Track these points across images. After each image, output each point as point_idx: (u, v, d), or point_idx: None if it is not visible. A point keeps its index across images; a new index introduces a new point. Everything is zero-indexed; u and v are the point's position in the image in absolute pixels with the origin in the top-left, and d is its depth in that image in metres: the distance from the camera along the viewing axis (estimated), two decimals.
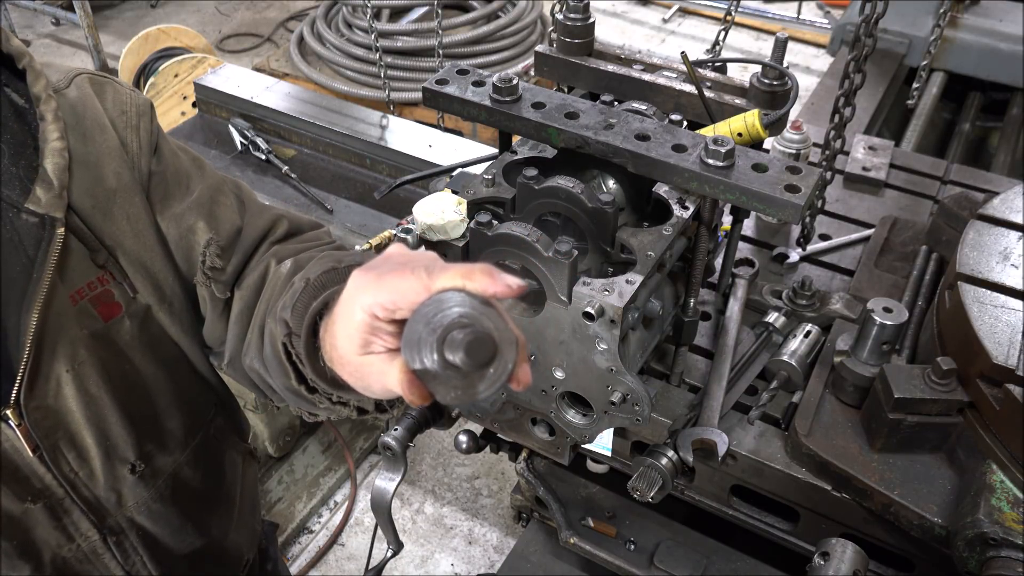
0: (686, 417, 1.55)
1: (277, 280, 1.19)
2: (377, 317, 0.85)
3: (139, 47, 4.07)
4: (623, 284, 1.23)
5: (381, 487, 1.67)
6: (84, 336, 1.11)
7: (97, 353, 1.13)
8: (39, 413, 1.08)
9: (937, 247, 1.87)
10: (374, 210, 2.83)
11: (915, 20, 3.61)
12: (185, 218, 1.22)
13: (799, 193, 1.23)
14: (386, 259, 0.90)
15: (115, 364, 1.16)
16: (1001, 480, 1.35)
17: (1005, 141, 3.56)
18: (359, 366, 0.89)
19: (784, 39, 1.51)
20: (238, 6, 6.65)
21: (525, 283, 0.86)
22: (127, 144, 1.17)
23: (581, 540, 1.84)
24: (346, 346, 0.89)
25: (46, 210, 1.04)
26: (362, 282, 0.87)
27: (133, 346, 1.18)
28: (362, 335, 0.86)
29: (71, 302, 1.09)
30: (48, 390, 1.09)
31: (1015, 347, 1.37)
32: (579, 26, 1.62)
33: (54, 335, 1.08)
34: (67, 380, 1.10)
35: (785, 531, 1.63)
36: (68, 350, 1.10)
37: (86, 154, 1.12)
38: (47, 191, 1.04)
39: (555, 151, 1.45)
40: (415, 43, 4.53)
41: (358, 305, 0.86)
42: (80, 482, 1.16)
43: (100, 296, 1.13)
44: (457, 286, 0.82)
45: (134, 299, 1.17)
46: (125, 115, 1.19)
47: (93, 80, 1.18)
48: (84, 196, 1.10)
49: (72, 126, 1.11)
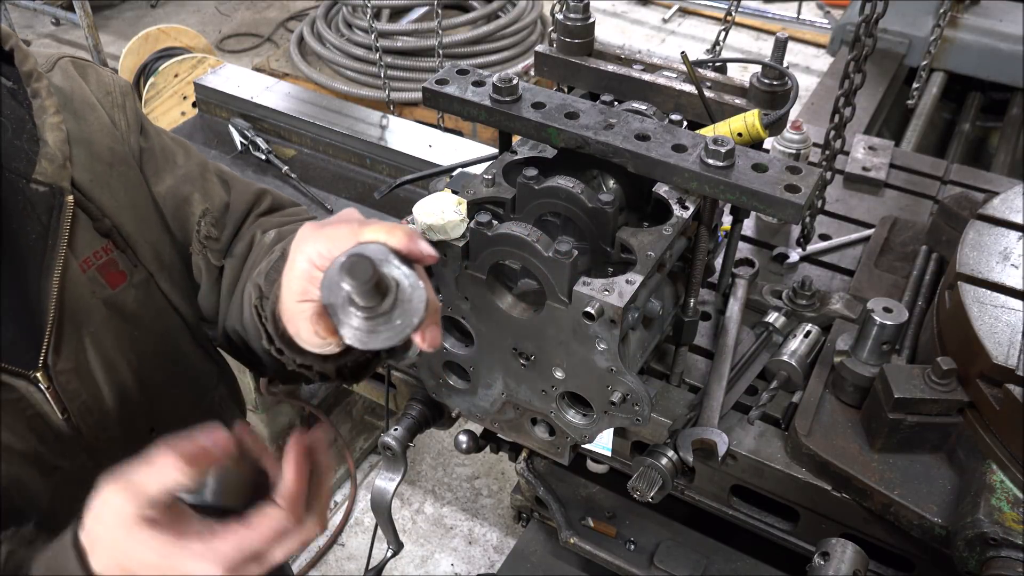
0: (686, 417, 1.55)
1: (261, 249, 1.26)
2: (316, 265, 0.90)
3: (139, 47, 4.07)
4: (623, 284, 1.23)
5: (381, 487, 1.67)
6: (97, 303, 1.15)
7: (109, 320, 1.16)
8: (64, 377, 1.11)
9: (937, 247, 1.87)
10: (374, 210, 2.83)
11: (915, 20, 3.61)
12: (180, 189, 1.27)
13: (799, 193, 1.23)
14: (334, 217, 0.96)
15: (127, 331, 1.19)
16: (1001, 480, 1.35)
17: (1005, 141, 3.56)
18: (295, 314, 0.93)
19: (784, 39, 1.51)
20: (238, 6, 6.65)
21: (437, 255, 0.92)
22: (116, 122, 1.22)
23: (581, 540, 1.84)
24: (287, 294, 0.94)
25: (53, 180, 1.07)
26: (307, 233, 0.93)
27: (140, 314, 1.21)
28: (301, 282, 0.91)
29: (80, 270, 1.13)
30: (71, 354, 1.11)
31: (1015, 347, 1.37)
32: (579, 26, 1.61)
33: (72, 301, 1.11)
34: (88, 345, 1.13)
35: (785, 531, 1.63)
36: (86, 316, 1.13)
37: (79, 131, 1.15)
38: (51, 162, 1.07)
39: (555, 151, 1.45)
40: (415, 43, 4.53)
41: (301, 254, 0.91)
42: (101, 446, 1.18)
43: (106, 265, 1.16)
44: (379, 239, 0.88)
45: (136, 268, 1.21)
46: (110, 96, 1.23)
47: (75, 63, 1.22)
48: (82, 171, 1.13)
49: (63, 105, 1.14)
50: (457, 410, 1.62)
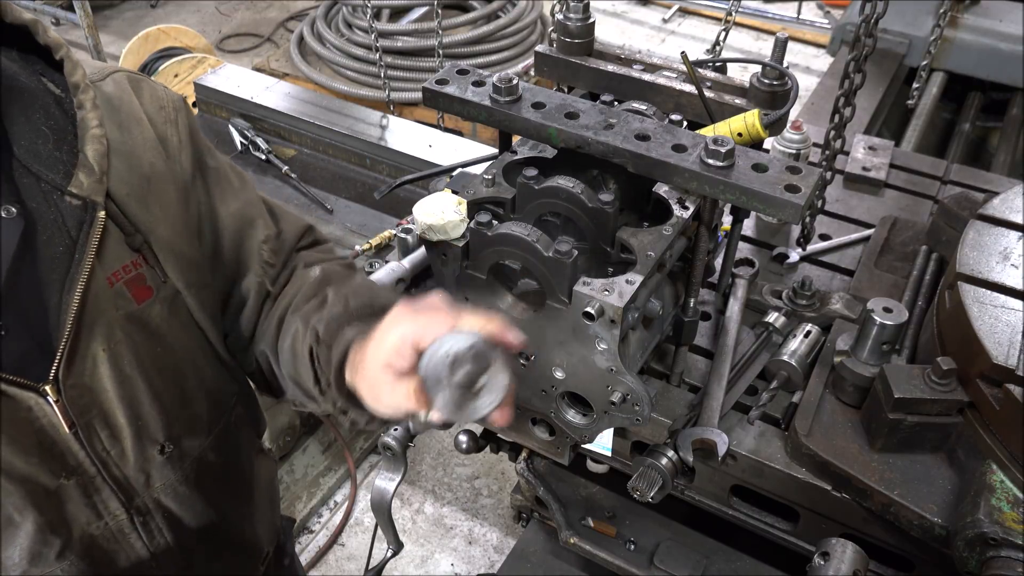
0: (686, 417, 1.55)
1: (303, 282, 1.34)
2: (405, 342, 1.03)
3: (139, 47, 4.07)
4: (623, 284, 1.23)
5: (381, 487, 1.68)
6: (119, 318, 1.15)
7: (131, 335, 1.17)
8: (75, 391, 1.11)
9: (937, 247, 1.87)
10: (374, 210, 2.83)
11: (915, 20, 3.61)
12: (247, 212, 1.32)
13: (799, 193, 1.23)
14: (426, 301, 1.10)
15: (147, 346, 1.20)
16: (1001, 480, 1.35)
17: (1005, 141, 3.56)
18: (376, 379, 1.09)
19: (784, 39, 1.51)
20: (238, 6, 6.65)
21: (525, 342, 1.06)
22: (167, 139, 1.23)
23: (581, 540, 1.84)
24: (373, 361, 1.09)
25: (88, 194, 1.08)
26: (401, 314, 1.09)
27: (163, 329, 1.22)
28: (390, 354, 1.05)
29: (108, 284, 1.13)
30: (85, 369, 1.12)
31: (1015, 347, 1.38)
32: (579, 26, 1.62)
33: (92, 315, 1.11)
34: (103, 360, 1.13)
35: (785, 531, 1.63)
36: (104, 330, 1.13)
37: (122, 143, 1.16)
38: (88, 175, 1.08)
39: (555, 151, 1.45)
40: (415, 43, 4.53)
41: (395, 330, 1.06)
42: (111, 461, 1.18)
43: (134, 279, 1.17)
44: (476, 328, 1.00)
45: (164, 283, 1.21)
46: (163, 111, 1.25)
47: (130, 78, 1.24)
48: (120, 183, 1.14)
49: (108, 117, 1.15)
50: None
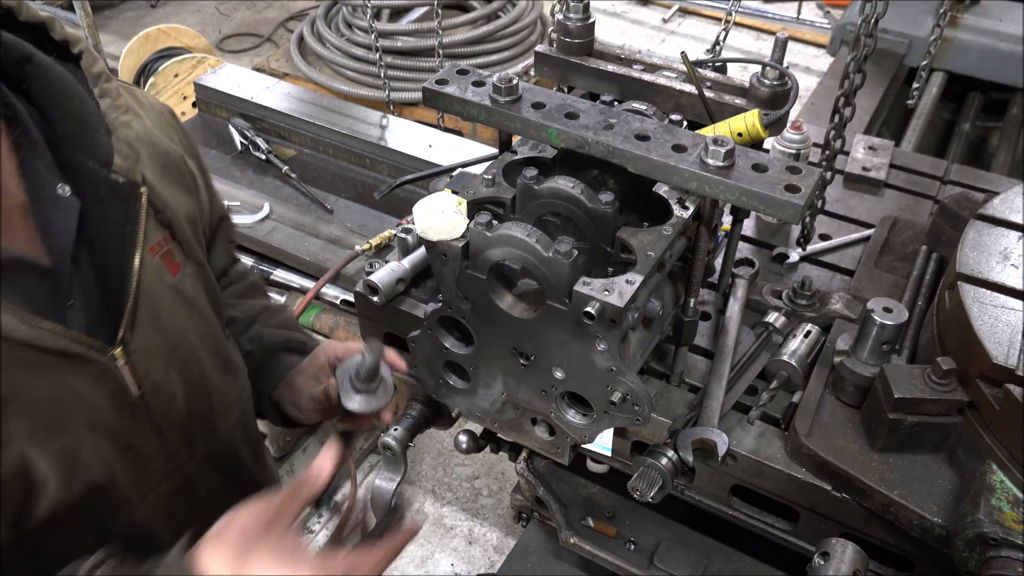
0: (686, 417, 1.55)
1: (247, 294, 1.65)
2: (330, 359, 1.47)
3: (139, 47, 4.07)
4: (623, 284, 1.23)
5: (381, 487, 1.68)
6: (164, 288, 1.21)
7: (175, 304, 1.23)
8: (138, 356, 1.16)
9: (937, 247, 1.87)
10: (374, 210, 2.83)
11: (915, 20, 3.62)
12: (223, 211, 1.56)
13: (799, 193, 1.22)
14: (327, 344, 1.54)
15: (187, 316, 1.27)
16: (1001, 480, 1.35)
17: (1005, 141, 3.56)
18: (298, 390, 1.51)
19: (784, 39, 1.51)
20: (238, 6, 6.65)
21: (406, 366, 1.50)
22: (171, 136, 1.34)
23: (581, 540, 1.84)
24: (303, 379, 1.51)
25: (127, 174, 1.14)
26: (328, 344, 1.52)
27: (198, 301, 1.30)
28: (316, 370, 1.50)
29: (151, 255, 1.20)
30: (143, 334, 1.17)
31: (1015, 347, 1.37)
32: (579, 26, 1.61)
33: (147, 284, 1.17)
34: (157, 327, 1.19)
35: (785, 531, 1.63)
36: (156, 298, 1.19)
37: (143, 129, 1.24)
38: (125, 158, 1.14)
39: (555, 151, 1.45)
40: (415, 43, 4.53)
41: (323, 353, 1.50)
42: (166, 427, 1.23)
43: (167, 254, 1.24)
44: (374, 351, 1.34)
45: (188, 260, 1.28)
46: (162, 116, 1.36)
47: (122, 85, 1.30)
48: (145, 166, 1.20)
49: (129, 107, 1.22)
50: (457, 410, 1.63)
